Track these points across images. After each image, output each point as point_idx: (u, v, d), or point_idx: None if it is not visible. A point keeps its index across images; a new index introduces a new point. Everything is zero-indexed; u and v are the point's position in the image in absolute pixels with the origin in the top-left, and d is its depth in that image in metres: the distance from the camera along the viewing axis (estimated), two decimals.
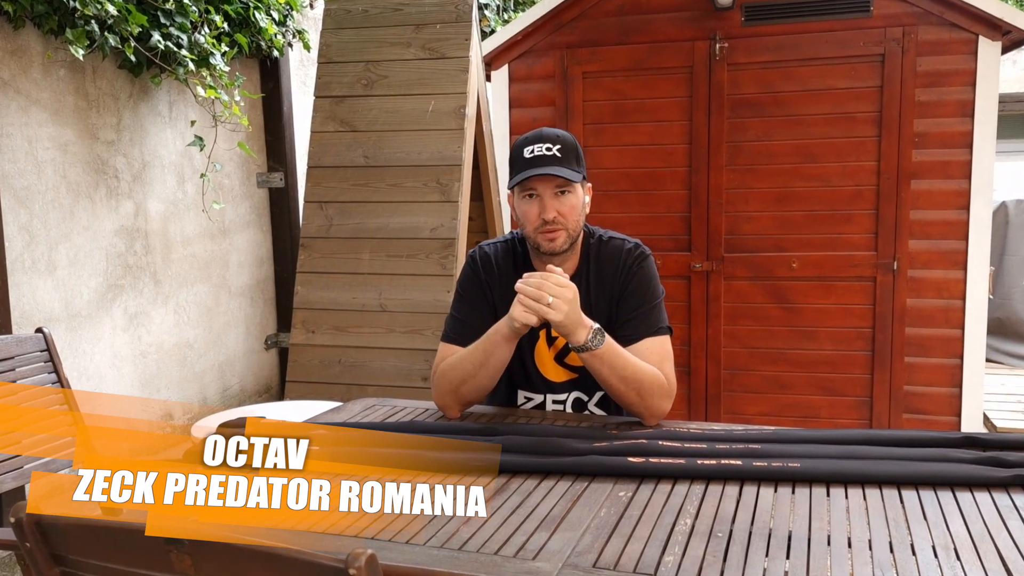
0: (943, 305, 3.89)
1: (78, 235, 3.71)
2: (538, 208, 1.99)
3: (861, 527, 1.38)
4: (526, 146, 2.00)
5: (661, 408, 1.95)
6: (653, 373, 1.94)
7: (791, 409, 4.10)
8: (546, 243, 2.01)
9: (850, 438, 1.76)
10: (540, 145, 1.98)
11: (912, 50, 3.76)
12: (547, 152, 1.97)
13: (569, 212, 2.00)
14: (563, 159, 1.98)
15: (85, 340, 3.77)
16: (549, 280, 1.85)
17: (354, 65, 3.88)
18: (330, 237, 3.82)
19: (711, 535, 1.36)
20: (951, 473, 1.56)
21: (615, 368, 1.91)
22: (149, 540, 1.05)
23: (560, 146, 1.99)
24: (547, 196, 1.99)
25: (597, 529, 1.39)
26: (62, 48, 3.52)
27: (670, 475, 1.61)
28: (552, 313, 1.83)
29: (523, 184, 1.99)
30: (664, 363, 1.99)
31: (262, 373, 5.11)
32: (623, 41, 4.11)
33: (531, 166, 1.97)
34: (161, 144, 4.18)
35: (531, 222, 2.01)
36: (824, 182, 3.95)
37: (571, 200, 2.00)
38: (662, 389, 1.94)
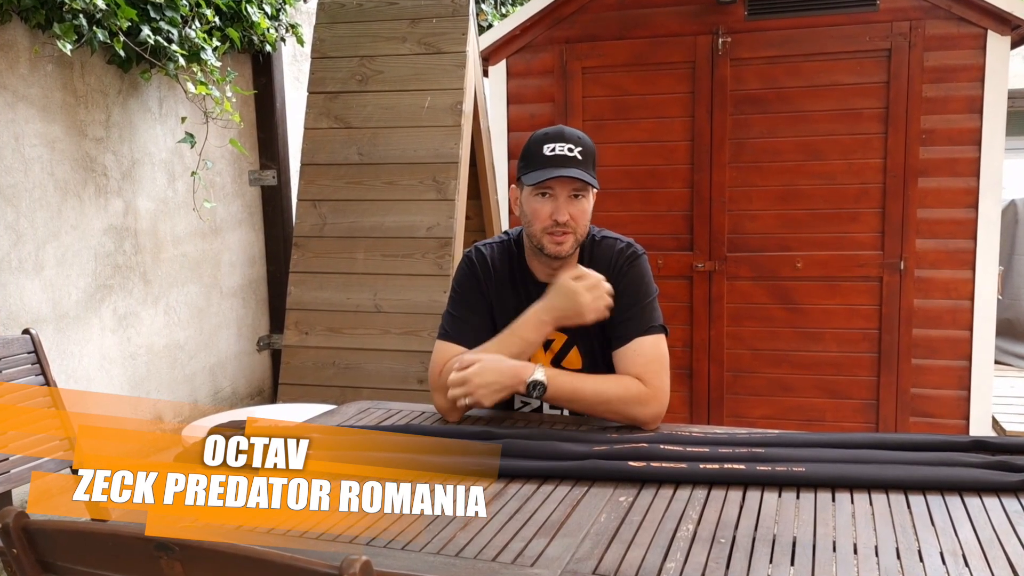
0: (951, 306, 3.89)
1: (66, 234, 3.71)
2: (551, 208, 1.98)
3: (867, 533, 1.38)
4: (546, 143, 1.99)
5: (644, 415, 1.94)
6: (618, 389, 1.95)
7: (795, 412, 4.10)
8: (553, 246, 2.00)
9: (856, 442, 1.76)
10: (562, 144, 1.97)
11: (919, 45, 3.77)
12: (568, 153, 1.96)
13: (580, 216, 2.00)
14: (583, 162, 1.97)
15: (73, 342, 3.76)
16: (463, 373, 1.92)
17: (348, 60, 3.89)
18: (324, 236, 3.82)
19: (714, 541, 1.36)
20: (959, 478, 1.56)
21: (573, 402, 1.98)
22: (139, 546, 1.05)
23: (581, 148, 1.98)
24: (562, 198, 1.98)
25: (597, 535, 1.39)
26: (49, 43, 3.52)
27: (672, 480, 1.60)
28: (482, 400, 1.92)
29: (540, 183, 1.99)
30: (651, 364, 1.98)
31: (254, 375, 5.11)
32: (624, 35, 4.11)
33: (551, 165, 1.96)
34: (151, 141, 4.18)
35: (541, 220, 2.00)
36: (829, 180, 3.95)
37: (584, 205, 2.00)
38: (636, 397, 1.94)
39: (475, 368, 1.91)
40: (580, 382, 1.96)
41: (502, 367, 1.92)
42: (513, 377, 1.92)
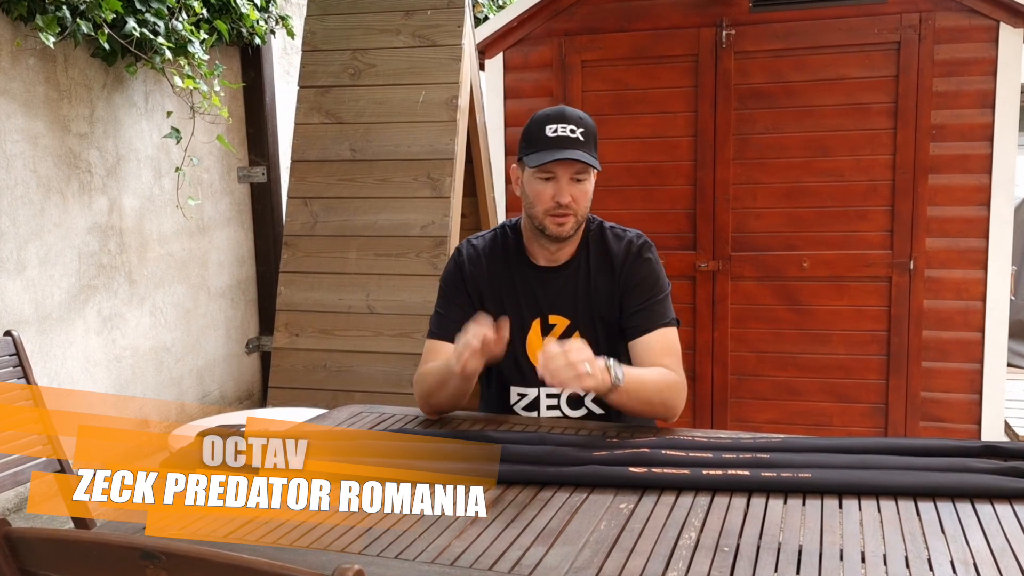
0: (962, 307, 3.89)
1: (49, 233, 3.71)
2: (553, 190, 2.02)
3: (875, 541, 1.38)
4: (548, 124, 2.02)
5: (682, 404, 2.02)
6: (668, 381, 1.99)
7: (802, 416, 4.11)
8: (555, 227, 2.04)
9: (864, 447, 1.76)
10: (564, 126, 2.01)
11: (929, 37, 3.77)
12: (571, 135, 2.00)
13: (582, 198, 2.04)
14: (585, 143, 2.01)
15: (56, 343, 3.76)
16: (571, 353, 1.80)
17: (340, 53, 3.88)
18: (315, 235, 3.82)
19: (717, 549, 1.36)
20: (970, 484, 1.56)
21: (637, 393, 1.93)
22: (123, 554, 1.05)
23: (583, 129, 2.02)
24: (564, 180, 2.02)
25: (597, 543, 1.39)
26: (32, 36, 3.52)
27: (674, 486, 1.61)
28: (588, 380, 1.80)
29: (542, 165, 2.01)
30: (669, 356, 2.05)
31: (243, 378, 5.10)
32: (624, 28, 4.11)
33: (554, 147, 1.99)
34: (136, 137, 4.18)
35: (543, 202, 2.04)
36: (837, 177, 3.95)
37: (586, 187, 2.05)
38: (679, 386, 2.01)
39: (578, 344, 1.83)
40: (639, 373, 1.96)
41: (591, 356, 1.84)
42: (601, 369, 1.85)
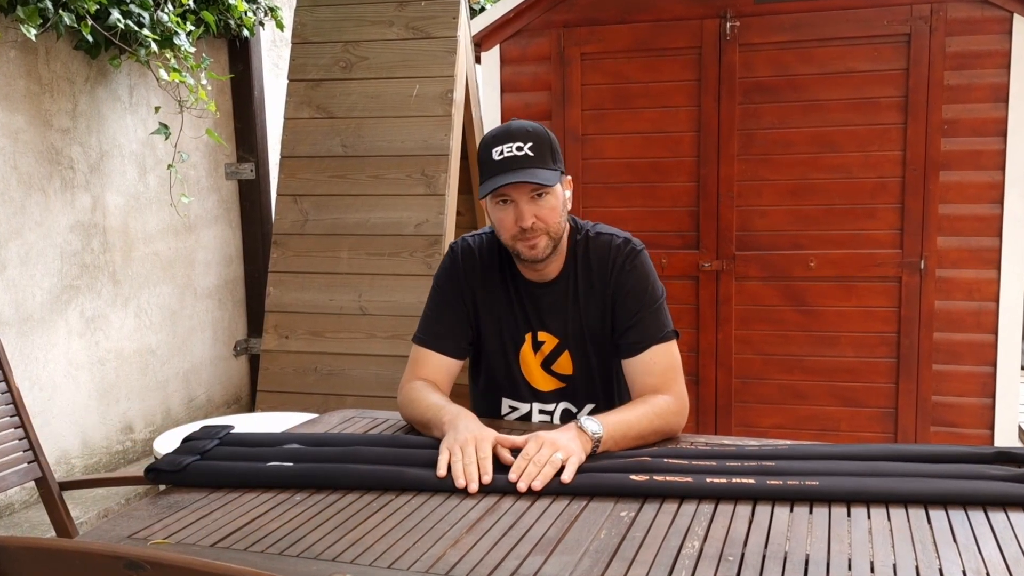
0: (975, 308, 3.90)
1: (30, 231, 3.70)
2: (513, 215, 1.96)
3: (885, 550, 1.38)
4: (494, 146, 1.95)
5: (681, 425, 1.98)
6: (657, 410, 1.92)
7: (809, 421, 4.11)
8: (527, 250, 1.98)
9: (873, 453, 1.76)
10: (510, 145, 1.93)
11: (941, 29, 3.78)
12: (518, 152, 1.92)
13: (549, 215, 1.97)
14: (536, 157, 1.93)
15: (37, 346, 3.76)
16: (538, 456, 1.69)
17: (331, 46, 3.89)
18: (305, 234, 3.82)
19: (721, 559, 1.36)
20: (983, 491, 1.56)
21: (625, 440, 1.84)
22: (108, 563, 1.05)
23: (531, 143, 1.94)
24: (523, 201, 1.95)
25: (597, 552, 1.39)
26: (12, 27, 3.51)
27: (676, 494, 1.61)
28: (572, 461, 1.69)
29: (494, 191, 1.95)
30: (667, 373, 2.00)
31: (231, 382, 5.10)
32: (625, 19, 4.11)
33: (502, 170, 1.93)
34: (121, 132, 4.17)
35: (507, 230, 1.99)
36: (845, 173, 3.96)
37: (550, 202, 1.97)
38: (675, 411, 1.96)
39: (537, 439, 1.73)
40: (620, 417, 1.87)
41: (571, 435, 1.76)
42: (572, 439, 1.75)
